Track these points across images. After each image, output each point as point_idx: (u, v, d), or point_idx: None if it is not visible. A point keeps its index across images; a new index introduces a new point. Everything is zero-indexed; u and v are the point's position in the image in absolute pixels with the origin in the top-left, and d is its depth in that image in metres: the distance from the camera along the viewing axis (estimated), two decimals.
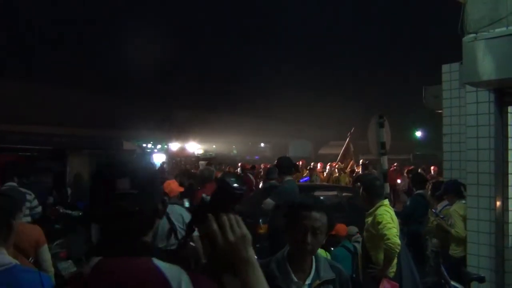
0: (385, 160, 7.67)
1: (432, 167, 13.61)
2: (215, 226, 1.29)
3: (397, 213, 4.66)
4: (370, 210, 4.29)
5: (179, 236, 4.66)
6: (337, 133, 21.47)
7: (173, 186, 5.17)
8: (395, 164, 17.20)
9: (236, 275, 1.30)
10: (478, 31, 4.78)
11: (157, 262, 1.33)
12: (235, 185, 1.30)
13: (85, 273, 1.31)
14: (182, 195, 6.79)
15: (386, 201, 4.33)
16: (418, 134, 31.58)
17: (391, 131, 8.03)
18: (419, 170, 12.70)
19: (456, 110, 6.54)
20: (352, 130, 16.45)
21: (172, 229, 4.83)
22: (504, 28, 4.59)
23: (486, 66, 4.63)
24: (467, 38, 4.69)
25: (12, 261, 1.88)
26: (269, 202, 5.44)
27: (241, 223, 1.33)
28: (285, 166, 5.70)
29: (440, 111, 7.12)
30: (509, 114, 4.90)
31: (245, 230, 1.32)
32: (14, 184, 6.04)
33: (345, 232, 5.76)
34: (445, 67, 6.74)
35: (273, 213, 5.51)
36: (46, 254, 4.22)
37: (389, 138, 7.72)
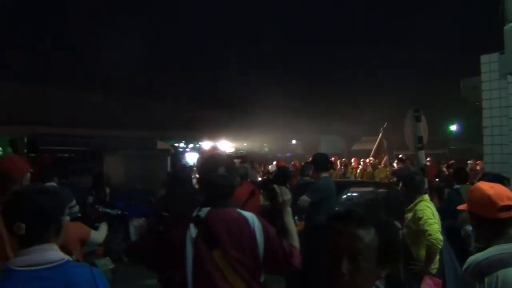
0: (422, 154, 7.51)
1: (477, 162, 13.15)
2: (278, 190, 2.55)
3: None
4: (410, 206, 4.22)
5: None
6: (370, 128, 21.16)
7: None
8: (427, 159, 16.82)
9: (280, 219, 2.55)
10: None
11: (239, 210, 2.55)
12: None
13: (201, 216, 2.48)
14: None
15: (426, 196, 4.26)
16: (453, 128, 30.83)
17: None
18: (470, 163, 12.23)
19: (497, 102, 6.35)
20: (385, 125, 16.20)
21: None
22: None
23: None
24: (508, 27, 4.54)
25: (64, 257, 1.92)
26: (304, 199, 5.42)
27: (287, 191, 2.58)
28: (321, 162, 5.66)
29: (478, 103, 6.93)
30: None
31: (289, 196, 2.59)
32: (54, 184, 6.22)
33: None
34: (484, 58, 6.55)
35: (309, 210, 5.49)
36: (97, 237, 4.42)
37: (426, 132, 7.56)
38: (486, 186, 2.32)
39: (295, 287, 5.42)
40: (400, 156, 14.84)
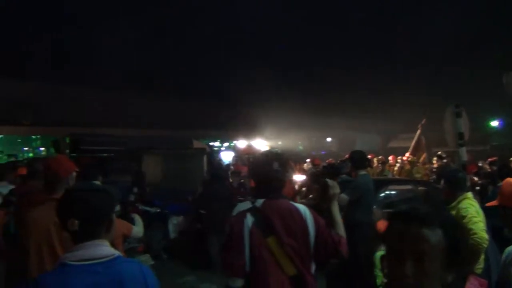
0: (463, 151, 7.32)
1: None
2: (330, 184, 2.79)
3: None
4: (453, 204, 4.10)
5: None
6: (407, 125, 20.72)
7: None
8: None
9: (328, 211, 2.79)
10: None
11: (291, 202, 2.81)
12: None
13: (257, 206, 2.70)
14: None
15: (470, 194, 4.14)
16: (494, 123, 29.86)
17: None
18: None
19: None
20: (423, 122, 15.81)
21: None
22: None
23: None
24: None
25: (115, 252, 1.97)
26: (343, 197, 5.36)
27: (337, 185, 2.83)
28: (359, 160, 5.59)
29: None
30: None
31: (338, 189, 2.83)
32: (99, 183, 6.39)
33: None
34: None
35: (348, 208, 5.43)
36: (137, 232, 4.57)
37: (467, 128, 7.36)
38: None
39: (336, 284, 5.40)
40: (439, 153, 14.47)
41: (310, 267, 2.70)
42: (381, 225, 5.59)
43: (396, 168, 14.62)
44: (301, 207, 2.76)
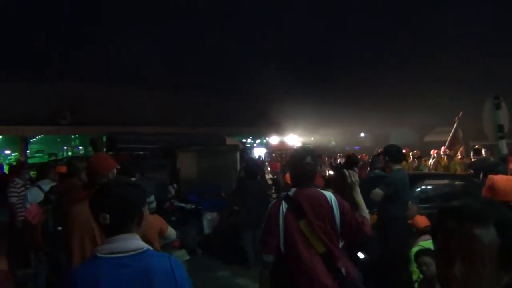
0: (503, 144, 7.10)
1: None
2: (347, 173, 3.19)
3: None
4: None
5: None
6: (443, 118, 20.18)
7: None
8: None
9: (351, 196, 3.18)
10: None
11: (319, 190, 3.21)
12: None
13: (290, 194, 3.18)
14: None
15: None
16: None
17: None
18: None
19: None
20: (460, 115, 15.39)
21: None
22: None
23: None
24: None
25: (144, 245, 2.01)
26: (377, 192, 5.30)
27: (355, 174, 3.21)
28: (394, 154, 5.50)
29: None
30: None
31: (356, 177, 3.21)
32: (133, 179, 6.55)
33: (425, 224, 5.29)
34: None
35: (382, 204, 5.37)
36: (173, 233, 4.68)
37: (507, 120, 7.13)
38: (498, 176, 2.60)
39: (371, 278, 5.36)
40: (476, 146, 14.07)
41: (338, 244, 3.12)
42: (419, 220, 5.50)
43: (431, 163, 14.29)
44: (327, 194, 3.21)
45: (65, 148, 58.37)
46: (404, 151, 14.37)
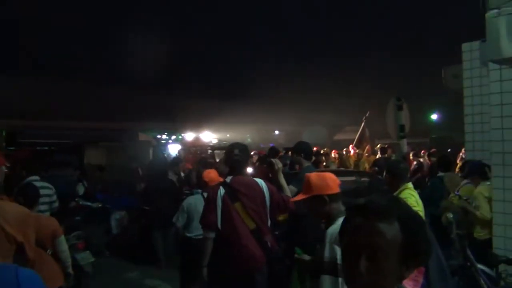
0: (404, 143, 7.53)
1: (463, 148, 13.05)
2: (274, 161, 4.15)
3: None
4: (395, 194, 4.20)
5: None
6: (354, 118, 21.20)
7: (213, 175, 5.17)
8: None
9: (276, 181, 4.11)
10: (500, 6, 4.61)
11: (251, 177, 4.14)
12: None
13: (227, 181, 3.89)
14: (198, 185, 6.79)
15: (410, 184, 4.24)
16: (434, 117, 31.15)
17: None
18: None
19: (478, 89, 6.38)
20: (367, 114, 16.22)
21: None
22: None
23: (510, 42, 4.47)
24: (490, 14, 4.52)
25: None
26: (291, 189, 5.36)
27: (279, 162, 4.21)
28: (305, 151, 5.56)
29: (458, 92, 6.96)
30: None
31: (280, 164, 4.14)
32: (37, 177, 6.06)
33: None
34: (465, 46, 6.56)
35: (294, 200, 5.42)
36: (63, 245, 4.29)
37: (408, 121, 7.57)
38: (317, 173, 3.08)
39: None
40: (379, 145, 14.93)
41: (266, 222, 3.94)
42: None
43: (336, 160, 14.90)
44: (259, 180, 4.02)
45: None
46: (315, 148, 14.90)
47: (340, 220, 2.20)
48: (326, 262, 2.67)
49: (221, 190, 3.82)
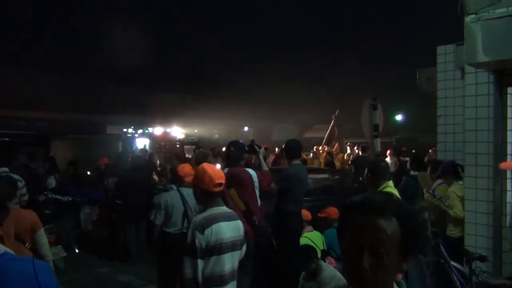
0: (378, 142, 7.69)
1: (431, 149, 13.36)
2: (257, 150, 5.48)
3: None
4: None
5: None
6: (322, 116, 21.47)
7: (187, 169, 5.09)
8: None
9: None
10: (478, 11, 4.76)
11: (244, 168, 5.16)
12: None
13: (225, 172, 4.28)
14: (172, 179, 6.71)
15: (391, 183, 4.32)
16: (398, 117, 31.92)
17: None
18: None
19: (451, 92, 6.58)
20: (336, 113, 16.45)
21: (186, 212, 4.93)
22: (505, 9, 4.57)
23: (486, 47, 4.62)
24: (469, 19, 4.66)
25: (2, 248, 1.72)
26: (272, 186, 5.41)
27: (263, 150, 5.69)
28: (291, 149, 5.60)
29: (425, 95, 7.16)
30: (508, 95, 4.91)
31: (263, 150, 5.71)
32: (6, 169, 5.86)
33: (337, 215, 5.79)
34: (440, 49, 6.74)
35: (278, 198, 5.44)
36: (43, 238, 4.15)
37: (382, 121, 7.73)
38: (207, 167, 3.33)
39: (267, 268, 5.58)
40: (348, 144, 15.16)
41: (256, 203, 4.95)
42: (304, 213, 5.74)
43: (308, 157, 14.99)
44: (250, 170, 5.10)
45: None
46: (283, 146, 14.95)
47: (209, 212, 3.19)
48: (188, 246, 3.07)
49: None
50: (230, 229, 3.18)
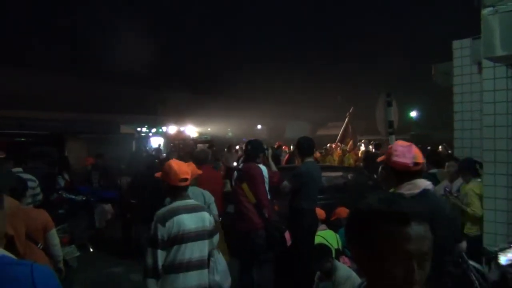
0: (393, 139, 7.55)
1: (441, 145, 13.10)
2: (269, 151, 5.98)
3: None
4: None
5: None
6: (336, 114, 21.30)
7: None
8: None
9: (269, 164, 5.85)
10: (495, 4, 4.62)
11: (257, 164, 5.43)
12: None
13: (240, 167, 5.72)
14: None
15: None
16: (413, 114, 31.59)
17: None
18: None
19: (468, 87, 6.42)
20: (351, 110, 16.30)
21: None
22: None
23: (504, 40, 4.48)
24: (486, 12, 4.52)
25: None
26: (284, 184, 5.33)
27: (270, 150, 6.07)
28: (304, 146, 5.53)
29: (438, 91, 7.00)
30: None
31: (271, 151, 6.10)
32: (20, 169, 5.88)
33: (346, 214, 5.70)
34: (456, 43, 6.59)
35: (292, 196, 5.38)
36: (54, 238, 4.13)
37: (397, 117, 7.60)
38: (173, 163, 3.46)
39: (283, 267, 5.56)
40: (363, 141, 15.01)
41: (266, 197, 5.29)
42: (318, 212, 5.67)
43: (319, 155, 14.91)
44: (261, 166, 5.39)
45: None
46: (296, 144, 14.87)
47: (173, 205, 3.33)
48: (150, 237, 3.23)
49: (236, 174, 5.45)
50: (193, 220, 3.32)
